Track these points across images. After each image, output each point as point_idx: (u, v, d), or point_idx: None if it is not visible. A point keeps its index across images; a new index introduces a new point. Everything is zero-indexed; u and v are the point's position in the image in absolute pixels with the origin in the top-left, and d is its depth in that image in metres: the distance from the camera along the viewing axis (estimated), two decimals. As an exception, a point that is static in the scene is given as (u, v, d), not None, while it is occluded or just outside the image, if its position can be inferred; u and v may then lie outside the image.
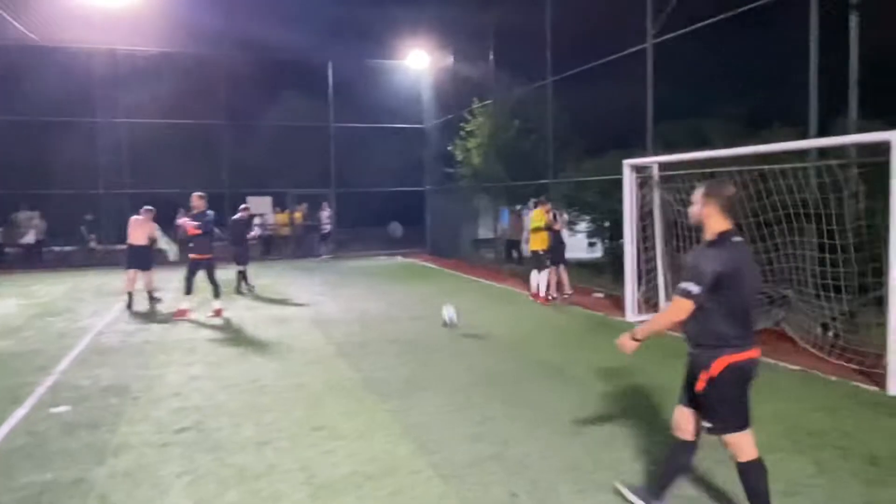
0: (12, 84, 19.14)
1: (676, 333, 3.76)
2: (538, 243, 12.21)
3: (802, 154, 8.70)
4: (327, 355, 8.23)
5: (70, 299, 13.26)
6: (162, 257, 13.03)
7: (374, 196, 24.14)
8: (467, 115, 19.38)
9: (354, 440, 5.27)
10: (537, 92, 16.23)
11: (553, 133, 15.71)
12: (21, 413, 6.01)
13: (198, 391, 6.69)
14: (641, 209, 10.48)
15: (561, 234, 12.46)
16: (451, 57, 21.18)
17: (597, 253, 15.29)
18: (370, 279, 16.44)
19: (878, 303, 7.23)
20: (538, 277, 12.29)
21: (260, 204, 22.19)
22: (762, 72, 13.06)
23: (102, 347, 8.80)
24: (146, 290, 12.08)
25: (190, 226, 10.76)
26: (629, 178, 10.32)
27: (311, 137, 23.60)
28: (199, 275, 10.97)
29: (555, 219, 12.15)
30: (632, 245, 10.40)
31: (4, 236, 20.29)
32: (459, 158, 19.82)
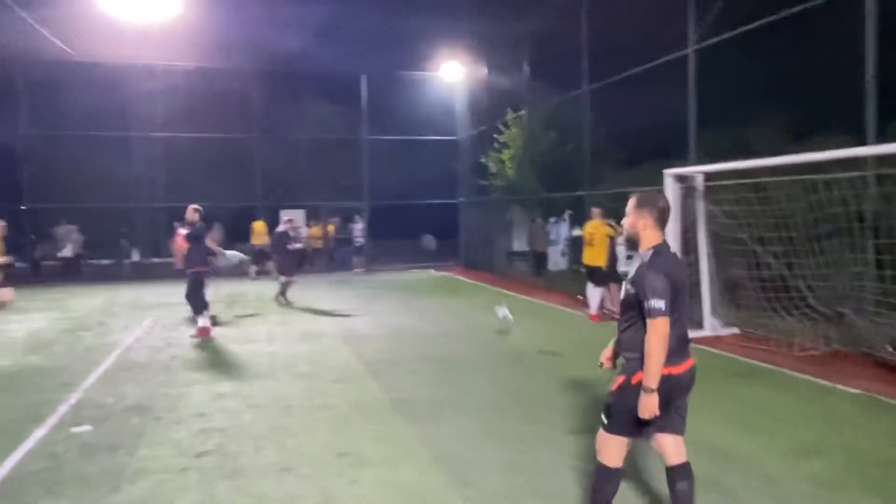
0: (51, 99, 19.51)
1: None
2: (598, 258, 11.33)
3: (855, 163, 8.17)
4: (356, 374, 7.96)
5: (103, 313, 13.23)
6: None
7: (408, 209, 23.92)
8: (501, 127, 19.11)
9: (381, 467, 4.96)
10: (573, 101, 15.85)
11: (589, 143, 15.29)
12: (41, 434, 5.83)
13: (222, 411, 6.47)
14: (684, 221, 10.03)
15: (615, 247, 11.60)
16: (486, 68, 20.94)
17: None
18: (402, 293, 16.18)
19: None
20: (595, 293, 11.48)
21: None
22: (809, 77, 12.55)
23: (130, 363, 8.66)
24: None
25: (180, 237, 10.68)
26: (672, 189, 9.90)
27: (344, 150, 23.57)
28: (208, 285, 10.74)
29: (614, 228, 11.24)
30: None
31: (43, 250, 20.54)
32: (493, 170, 19.55)
